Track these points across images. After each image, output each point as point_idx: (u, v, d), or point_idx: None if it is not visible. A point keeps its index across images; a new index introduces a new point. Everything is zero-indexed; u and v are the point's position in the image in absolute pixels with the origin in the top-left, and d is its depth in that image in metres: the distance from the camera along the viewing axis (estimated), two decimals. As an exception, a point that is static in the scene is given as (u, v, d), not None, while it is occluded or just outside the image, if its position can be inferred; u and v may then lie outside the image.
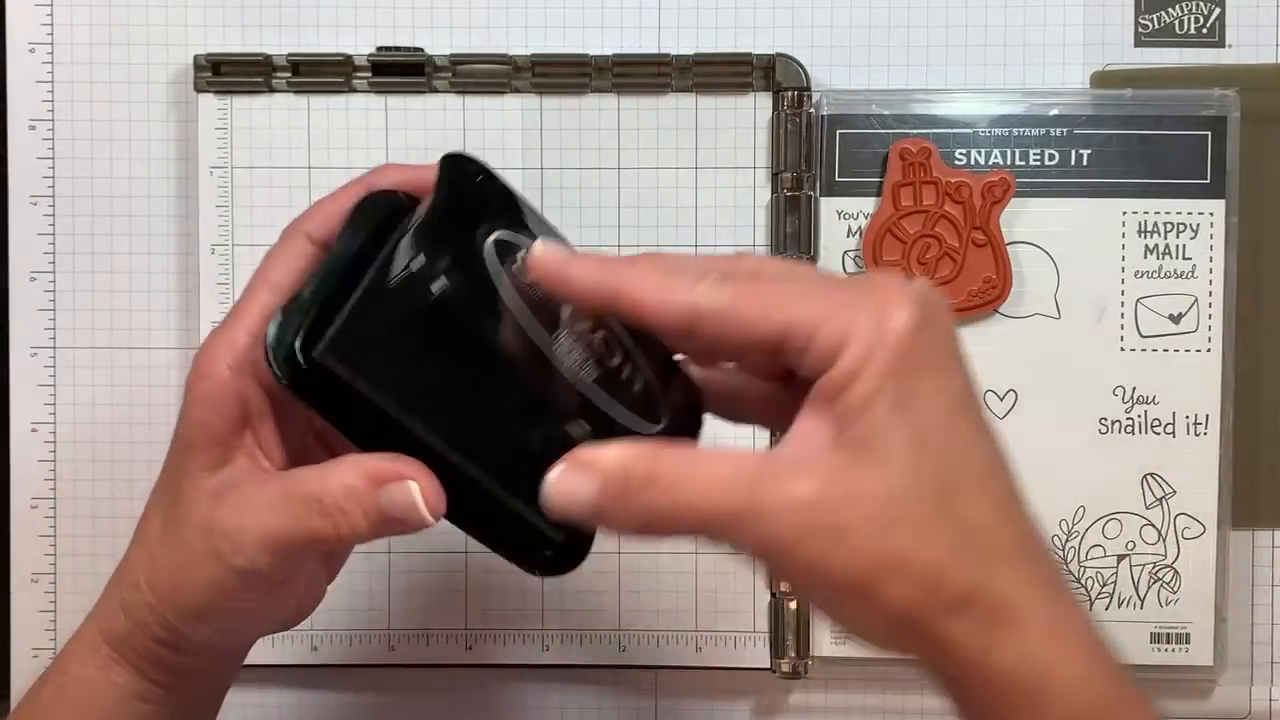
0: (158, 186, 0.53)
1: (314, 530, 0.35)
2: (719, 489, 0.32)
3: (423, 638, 0.53)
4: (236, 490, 0.36)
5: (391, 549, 0.53)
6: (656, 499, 0.32)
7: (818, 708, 0.54)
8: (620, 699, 0.54)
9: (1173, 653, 0.51)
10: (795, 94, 0.51)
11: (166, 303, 0.53)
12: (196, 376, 0.37)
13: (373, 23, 0.53)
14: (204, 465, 0.37)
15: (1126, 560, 0.52)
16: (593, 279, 0.34)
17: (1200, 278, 0.51)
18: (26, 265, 0.53)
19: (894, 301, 0.32)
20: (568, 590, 0.53)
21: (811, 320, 0.32)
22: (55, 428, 0.53)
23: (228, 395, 0.37)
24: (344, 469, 0.35)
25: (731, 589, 0.52)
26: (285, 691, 0.54)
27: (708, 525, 0.33)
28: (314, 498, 0.35)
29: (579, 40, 0.53)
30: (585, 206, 0.52)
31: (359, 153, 0.52)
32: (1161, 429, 0.51)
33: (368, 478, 0.35)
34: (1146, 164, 0.51)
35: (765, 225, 0.52)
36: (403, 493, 0.35)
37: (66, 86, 0.53)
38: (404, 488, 0.35)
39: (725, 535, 0.33)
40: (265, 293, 0.37)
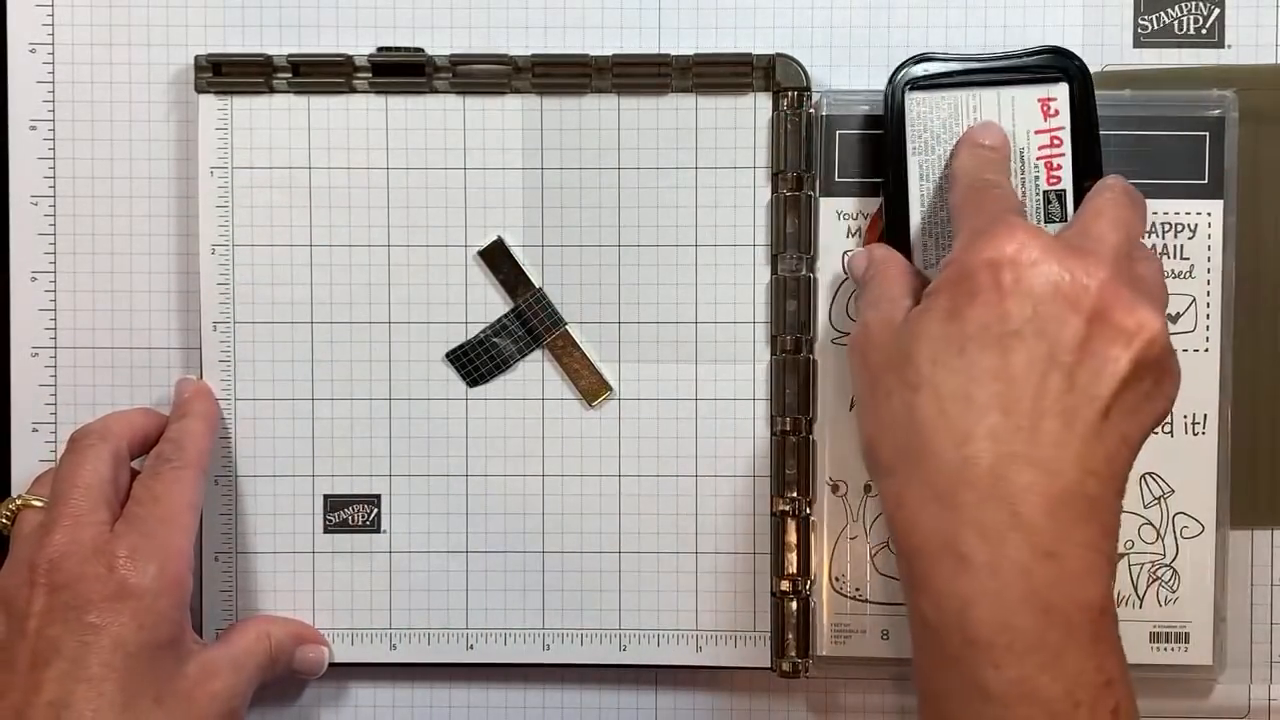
0: (158, 186, 0.53)
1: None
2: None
3: (423, 637, 0.53)
4: (210, 665, 0.48)
5: (392, 549, 0.53)
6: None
7: (818, 708, 0.54)
8: (620, 699, 0.54)
9: (1172, 652, 0.51)
10: (795, 94, 0.51)
11: (166, 303, 0.53)
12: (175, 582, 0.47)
13: (373, 23, 0.53)
14: (182, 656, 0.47)
15: (1125, 559, 0.52)
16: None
17: (1199, 278, 0.51)
18: (27, 265, 0.53)
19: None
20: (568, 590, 0.53)
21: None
22: (55, 428, 0.53)
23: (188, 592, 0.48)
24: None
25: (732, 589, 0.52)
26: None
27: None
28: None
29: (579, 40, 0.53)
30: (585, 206, 0.52)
31: (359, 153, 0.52)
32: (1160, 428, 0.51)
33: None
34: (1145, 164, 0.51)
35: (765, 225, 0.52)
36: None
37: (67, 86, 0.53)
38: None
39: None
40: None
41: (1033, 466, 0.39)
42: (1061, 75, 0.48)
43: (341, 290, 0.53)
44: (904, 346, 0.43)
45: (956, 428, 0.40)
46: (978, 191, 0.45)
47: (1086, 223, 0.44)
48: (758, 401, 0.52)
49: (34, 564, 0.45)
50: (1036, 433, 0.40)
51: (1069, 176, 0.48)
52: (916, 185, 0.49)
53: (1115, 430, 0.41)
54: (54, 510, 0.47)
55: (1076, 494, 0.40)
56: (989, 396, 0.40)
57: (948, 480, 0.40)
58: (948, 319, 0.42)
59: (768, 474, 0.52)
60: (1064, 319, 0.40)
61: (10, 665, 0.45)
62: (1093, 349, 0.40)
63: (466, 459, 0.53)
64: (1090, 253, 0.42)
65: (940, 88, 0.49)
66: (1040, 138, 0.48)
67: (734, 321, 0.52)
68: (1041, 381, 0.40)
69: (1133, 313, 0.41)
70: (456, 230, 0.52)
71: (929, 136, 0.49)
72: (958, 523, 0.40)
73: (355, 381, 0.53)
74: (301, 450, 0.53)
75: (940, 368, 0.41)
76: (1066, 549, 0.39)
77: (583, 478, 0.53)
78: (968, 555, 0.39)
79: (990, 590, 0.39)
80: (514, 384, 0.53)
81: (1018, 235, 0.41)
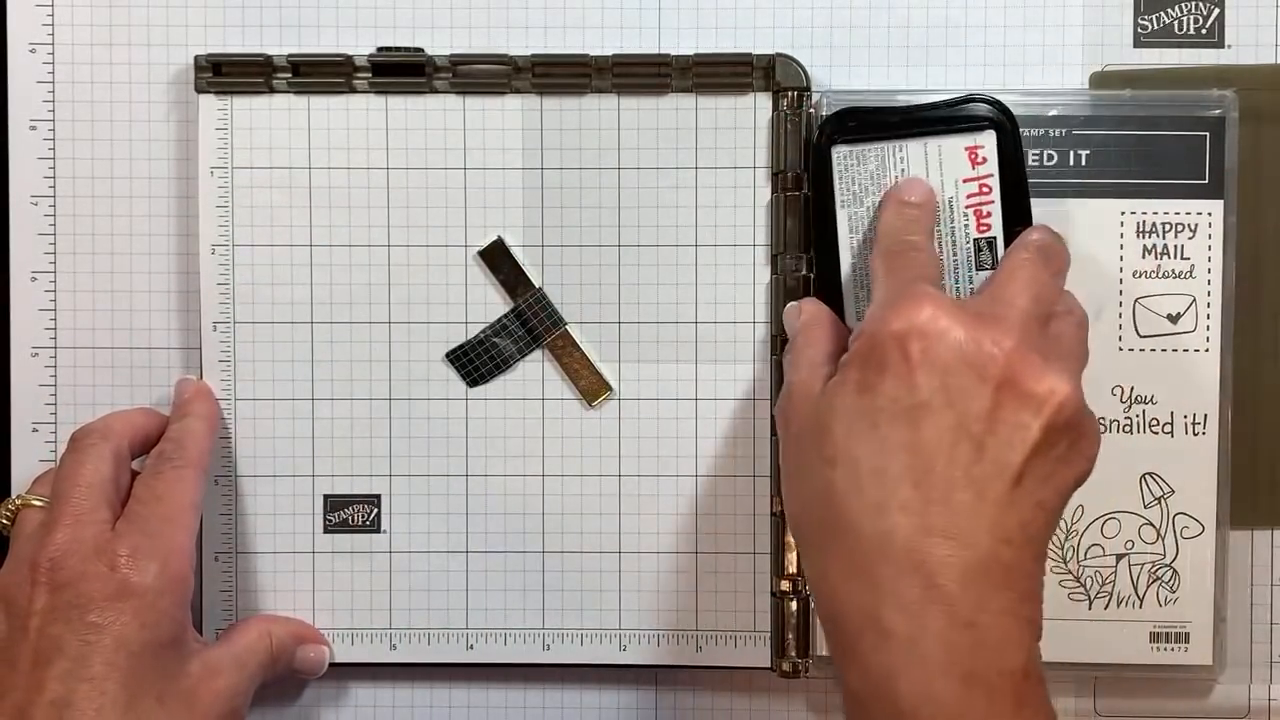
0: (158, 186, 0.53)
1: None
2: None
3: (423, 637, 0.53)
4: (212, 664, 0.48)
5: (392, 549, 0.53)
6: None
7: (818, 707, 0.54)
8: (620, 699, 0.54)
9: (1172, 652, 0.51)
10: (795, 94, 0.51)
11: (166, 303, 0.53)
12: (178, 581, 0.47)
13: (373, 23, 0.53)
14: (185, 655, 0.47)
15: (1125, 560, 0.52)
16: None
17: (1199, 278, 0.51)
18: (27, 265, 0.53)
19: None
20: (568, 590, 0.53)
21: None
22: (55, 428, 0.53)
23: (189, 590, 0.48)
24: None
25: (732, 589, 0.52)
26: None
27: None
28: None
29: (579, 40, 0.53)
30: (585, 206, 0.52)
31: (359, 153, 0.52)
32: (1160, 429, 0.51)
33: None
34: (1145, 164, 0.51)
35: (765, 225, 0.52)
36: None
37: (67, 86, 0.53)
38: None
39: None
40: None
41: (947, 538, 0.40)
42: (988, 123, 0.48)
43: (341, 290, 0.53)
44: (821, 419, 0.43)
45: (871, 502, 0.41)
46: (895, 255, 0.46)
47: (998, 287, 0.44)
48: (758, 401, 0.52)
49: (36, 563, 0.45)
50: (949, 504, 0.40)
51: (999, 224, 0.48)
52: (846, 238, 0.49)
53: (1029, 497, 0.41)
54: (56, 509, 0.47)
55: (991, 563, 0.40)
56: (901, 469, 0.41)
57: (866, 554, 0.40)
58: (859, 392, 0.42)
59: (768, 474, 0.52)
60: (972, 389, 0.41)
61: (12, 664, 0.45)
62: (1002, 417, 0.41)
63: (466, 459, 0.53)
64: (999, 320, 0.42)
65: (866, 140, 0.49)
66: (969, 186, 0.48)
67: (734, 321, 0.52)
68: (951, 452, 0.40)
69: (1042, 379, 0.41)
70: (456, 230, 0.53)
71: (857, 189, 0.49)
72: (878, 596, 0.40)
73: (355, 381, 0.53)
74: (301, 450, 0.53)
75: (854, 441, 0.42)
76: (985, 618, 0.39)
77: (583, 478, 0.53)
78: (889, 628, 0.40)
79: (912, 662, 0.39)
80: (514, 384, 0.53)
81: (925, 307, 0.42)
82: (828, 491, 0.42)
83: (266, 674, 0.51)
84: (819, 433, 0.43)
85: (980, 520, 0.40)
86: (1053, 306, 0.44)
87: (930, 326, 0.41)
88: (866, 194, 0.49)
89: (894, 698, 0.39)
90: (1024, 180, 0.48)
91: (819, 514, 0.42)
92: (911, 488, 0.40)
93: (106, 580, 0.45)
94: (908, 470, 0.41)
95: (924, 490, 0.40)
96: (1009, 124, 0.48)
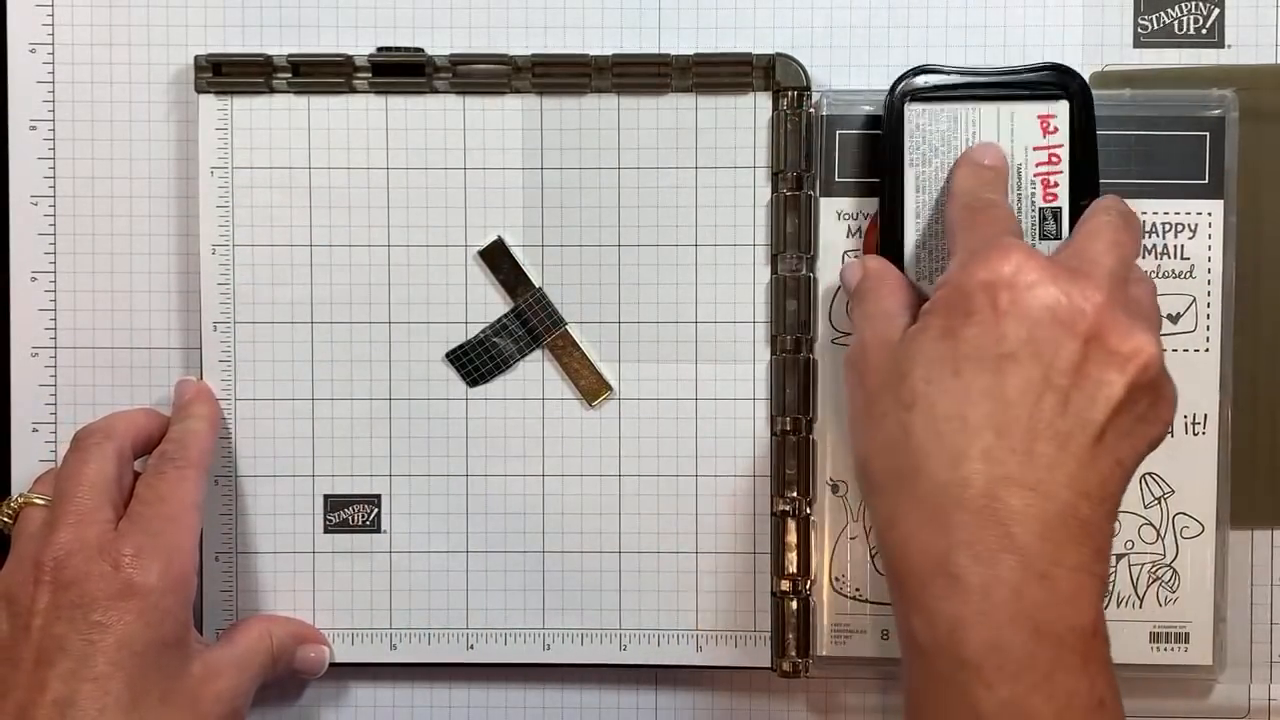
0: (158, 187, 0.53)
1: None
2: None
3: (423, 637, 0.53)
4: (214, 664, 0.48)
5: (392, 549, 0.53)
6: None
7: (818, 707, 0.54)
8: (620, 699, 0.54)
9: (1172, 652, 0.51)
10: (795, 94, 0.51)
11: (166, 303, 0.53)
12: (181, 580, 0.47)
13: (373, 23, 0.53)
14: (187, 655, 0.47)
15: (1125, 559, 0.52)
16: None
17: (1199, 278, 0.51)
18: (27, 265, 0.53)
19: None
20: (568, 590, 0.53)
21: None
22: (55, 428, 0.53)
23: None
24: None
25: (732, 589, 0.52)
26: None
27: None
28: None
29: (579, 40, 0.53)
30: (585, 206, 0.52)
31: (359, 153, 0.52)
32: (1160, 429, 0.51)
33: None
34: (1145, 164, 0.51)
35: (765, 225, 0.52)
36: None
37: (67, 86, 0.53)
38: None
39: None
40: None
41: (1026, 489, 0.40)
42: (1062, 93, 0.49)
43: (341, 290, 0.53)
44: (899, 366, 0.43)
45: (950, 448, 0.41)
46: (975, 211, 0.46)
47: (1082, 244, 0.44)
48: (758, 401, 0.52)
49: (39, 562, 0.45)
50: (1030, 455, 0.40)
51: (1065, 194, 0.48)
52: (913, 197, 0.49)
53: (1109, 454, 0.41)
54: (59, 508, 0.47)
55: (1069, 516, 0.40)
56: (983, 418, 0.40)
57: (941, 501, 0.40)
58: (943, 339, 0.42)
59: (768, 474, 0.52)
60: (1059, 342, 0.41)
61: (14, 664, 0.45)
62: (1088, 372, 0.40)
63: (466, 459, 0.53)
64: (1086, 275, 0.42)
65: (940, 100, 0.49)
66: (1038, 154, 0.48)
67: (734, 321, 0.52)
68: (1036, 404, 0.40)
69: (1129, 337, 0.41)
70: (456, 230, 0.53)
71: (927, 149, 0.49)
72: (950, 543, 0.40)
73: (355, 381, 0.53)
74: (301, 450, 0.53)
75: (935, 388, 0.41)
76: (1059, 571, 0.39)
77: (583, 478, 0.53)
78: (960, 576, 0.39)
79: (982, 611, 0.39)
80: (514, 384, 0.53)
81: (1014, 257, 0.42)
82: (904, 437, 0.42)
83: (267, 674, 0.51)
84: (897, 380, 0.43)
85: (1060, 473, 0.40)
86: (1131, 270, 0.44)
87: (1019, 278, 0.41)
88: (936, 154, 0.49)
89: (960, 647, 0.39)
90: (1094, 152, 0.48)
91: (893, 460, 0.42)
92: (993, 436, 0.40)
93: (110, 580, 0.45)
94: (989, 418, 0.40)
95: (1005, 439, 0.40)
96: (1083, 95, 0.48)
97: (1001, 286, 0.41)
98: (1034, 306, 0.41)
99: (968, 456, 0.40)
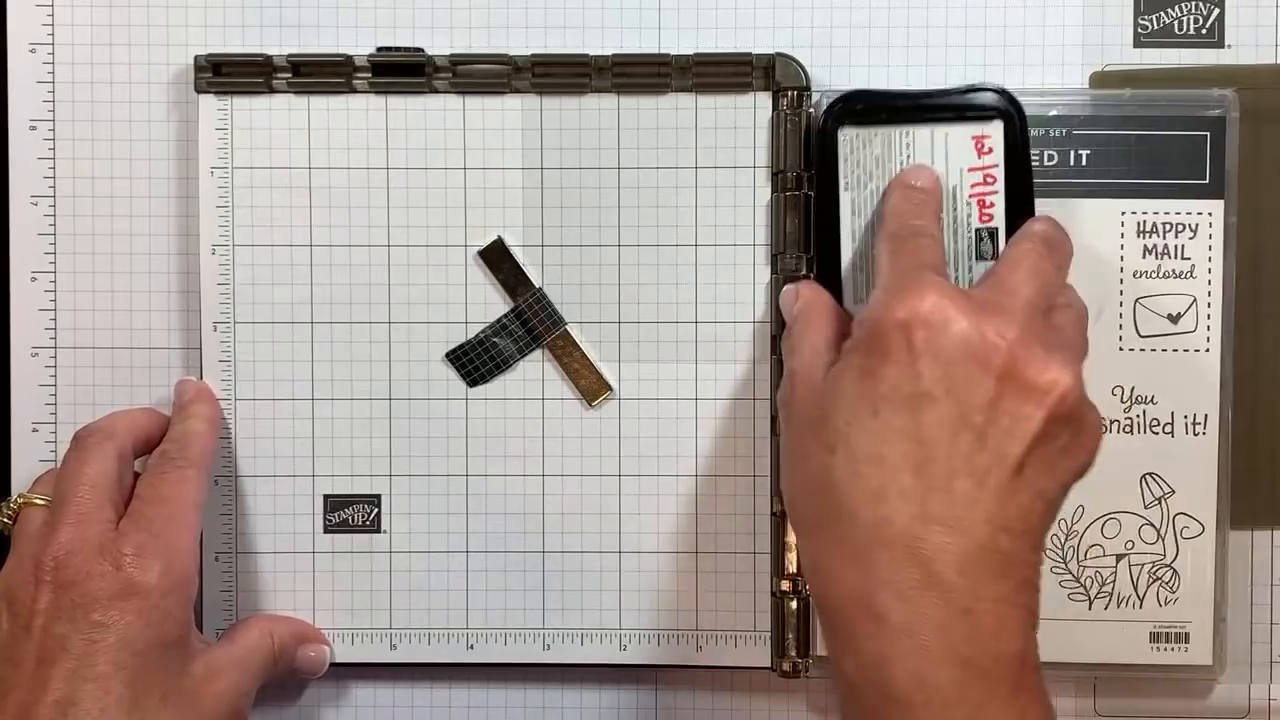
0: (158, 187, 0.53)
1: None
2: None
3: (423, 637, 0.53)
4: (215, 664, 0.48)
5: (392, 549, 0.53)
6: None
7: (818, 707, 0.54)
8: (620, 699, 0.54)
9: (1172, 652, 0.51)
10: (795, 94, 0.51)
11: (166, 303, 0.53)
12: (182, 580, 0.47)
13: (373, 23, 0.53)
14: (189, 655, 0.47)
15: (1125, 560, 0.52)
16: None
17: (1199, 278, 0.51)
18: (27, 265, 0.53)
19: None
20: (568, 590, 0.53)
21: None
22: (55, 428, 0.53)
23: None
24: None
25: (732, 588, 0.52)
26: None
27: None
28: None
29: (579, 40, 0.53)
30: (585, 206, 0.52)
31: (359, 153, 0.52)
32: (1160, 429, 0.51)
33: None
34: (1145, 164, 0.51)
35: (765, 225, 0.52)
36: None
37: (67, 86, 0.53)
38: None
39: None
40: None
41: (945, 526, 0.40)
42: (996, 113, 0.48)
43: (341, 290, 0.53)
44: (822, 406, 0.43)
45: (870, 488, 0.41)
46: (900, 240, 0.46)
47: (1003, 275, 0.44)
48: (758, 401, 0.52)
49: (40, 561, 0.45)
50: (948, 492, 0.40)
51: (1002, 215, 0.48)
52: (849, 221, 0.49)
53: (1029, 487, 0.41)
54: (60, 508, 0.47)
55: (990, 551, 0.40)
56: (901, 457, 0.41)
57: (863, 540, 0.40)
58: (861, 379, 0.42)
59: (768, 474, 0.52)
60: (974, 379, 0.41)
61: (16, 663, 0.45)
62: (1004, 408, 0.41)
63: (466, 459, 0.53)
64: (1002, 310, 0.42)
65: (874, 124, 0.49)
66: (973, 175, 0.48)
67: (734, 321, 0.52)
68: (952, 441, 0.40)
69: (1045, 370, 0.41)
70: (456, 230, 0.53)
71: (861, 172, 0.49)
72: (873, 582, 0.40)
73: (355, 381, 0.53)
74: (301, 450, 0.53)
75: (855, 428, 0.42)
76: (981, 605, 0.39)
77: (583, 478, 0.53)
78: (884, 614, 0.40)
79: (907, 648, 0.39)
80: (514, 384, 0.53)
81: (929, 295, 0.42)
82: (826, 477, 0.42)
83: (268, 674, 0.51)
84: (820, 419, 0.43)
85: (979, 509, 0.40)
86: (1055, 298, 0.44)
87: (934, 315, 0.41)
88: (870, 178, 0.49)
89: (888, 684, 0.39)
90: (1029, 172, 0.48)
91: (817, 500, 0.42)
92: (911, 475, 0.40)
93: (111, 579, 0.45)
94: (907, 458, 0.41)
95: (924, 478, 0.40)
96: (1017, 115, 0.48)
97: (917, 325, 0.41)
98: (948, 345, 0.41)
99: (887, 496, 0.40)
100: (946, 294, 0.42)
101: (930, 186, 0.48)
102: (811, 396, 0.44)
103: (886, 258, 0.45)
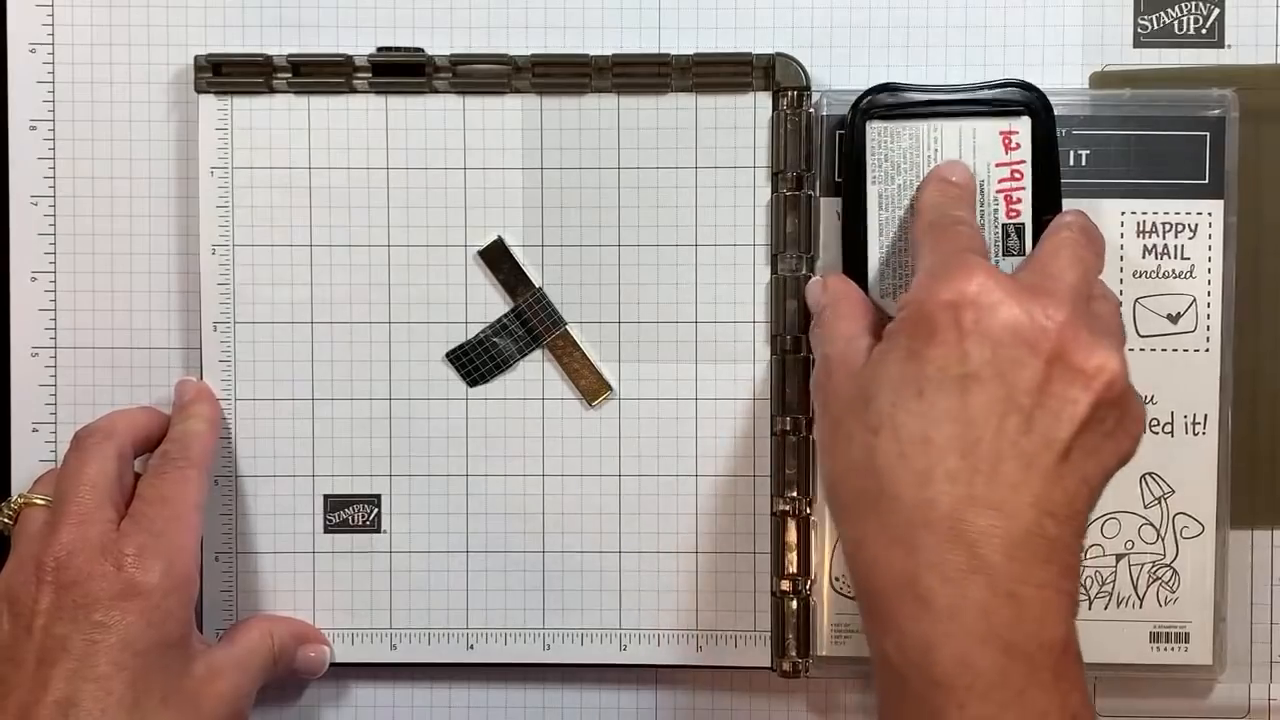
0: (158, 187, 0.53)
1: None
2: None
3: (423, 637, 0.53)
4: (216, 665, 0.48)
5: (392, 549, 0.53)
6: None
7: (818, 707, 0.54)
8: (620, 699, 0.54)
9: (1172, 652, 0.51)
10: (795, 94, 0.51)
11: (166, 303, 0.53)
12: (184, 580, 0.47)
13: (373, 23, 0.53)
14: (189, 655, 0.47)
15: (1125, 560, 0.52)
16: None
17: (1199, 278, 0.51)
18: (27, 265, 0.53)
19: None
20: (568, 590, 0.53)
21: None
22: (55, 428, 0.53)
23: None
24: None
25: (732, 588, 0.52)
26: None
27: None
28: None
29: (579, 40, 0.53)
30: (585, 206, 0.52)
31: (359, 153, 0.52)
32: (1160, 428, 0.51)
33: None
34: (1145, 164, 0.51)
35: (765, 225, 0.52)
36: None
37: (67, 86, 0.53)
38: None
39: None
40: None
41: (991, 509, 0.40)
42: (1024, 109, 0.49)
43: (341, 290, 0.53)
44: (864, 388, 0.43)
45: (915, 470, 0.41)
46: (941, 229, 0.46)
47: (1044, 261, 0.44)
48: (758, 401, 0.52)
49: (41, 562, 0.45)
50: (995, 475, 0.40)
51: (1029, 210, 0.48)
52: (876, 215, 0.49)
53: (1075, 471, 0.41)
54: (60, 508, 0.47)
55: (1035, 535, 0.40)
56: (947, 439, 0.40)
57: (907, 523, 0.40)
58: (906, 360, 0.42)
59: (768, 474, 0.52)
60: (1022, 361, 0.41)
61: (17, 663, 0.45)
62: (1051, 391, 0.40)
63: (466, 459, 0.53)
64: (1048, 293, 0.42)
65: (902, 118, 0.49)
66: (1001, 170, 0.49)
67: (734, 321, 0.52)
68: (1000, 424, 0.40)
69: (1092, 354, 0.41)
70: (456, 230, 0.53)
71: (889, 166, 0.49)
72: (918, 565, 0.40)
73: (355, 381, 0.53)
74: (301, 450, 0.53)
75: (899, 410, 0.41)
76: (1026, 590, 0.39)
77: (583, 478, 0.53)
78: (928, 597, 0.40)
79: (951, 631, 0.39)
80: (514, 384, 0.53)
81: (977, 276, 0.42)
82: (870, 460, 0.42)
83: (268, 674, 0.51)
84: (862, 402, 0.43)
85: (1025, 493, 0.40)
86: (1095, 287, 0.44)
87: (982, 297, 0.41)
88: (898, 172, 0.49)
89: (931, 667, 0.39)
90: (1057, 168, 0.49)
91: (860, 482, 0.42)
92: (958, 457, 0.40)
93: (112, 579, 0.45)
94: (954, 440, 0.40)
95: (970, 460, 0.40)
96: (1045, 111, 0.49)
97: (965, 306, 0.41)
98: (996, 326, 0.41)
99: (933, 478, 0.40)
100: (992, 276, 0.42)
101: (965, 181, 0.48)
102: (851, 381, 0.44)
103: (928, 245, 0.45)
